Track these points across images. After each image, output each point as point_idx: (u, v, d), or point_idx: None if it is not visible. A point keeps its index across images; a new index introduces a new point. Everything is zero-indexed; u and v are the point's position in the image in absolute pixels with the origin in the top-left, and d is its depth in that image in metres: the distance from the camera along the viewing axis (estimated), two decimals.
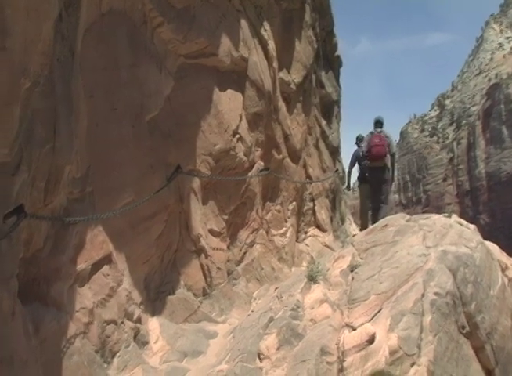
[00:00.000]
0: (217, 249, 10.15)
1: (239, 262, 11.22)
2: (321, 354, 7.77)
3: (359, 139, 17.34)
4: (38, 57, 5.04)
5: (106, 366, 6.94)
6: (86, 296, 6.69)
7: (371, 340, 7.65)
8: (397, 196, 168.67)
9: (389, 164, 15.65)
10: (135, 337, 7.69)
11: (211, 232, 10.10)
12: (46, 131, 5.72)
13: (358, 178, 17.13)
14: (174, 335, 8.41)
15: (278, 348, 7.92)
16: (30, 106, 5.22)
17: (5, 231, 4.90)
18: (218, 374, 7.30)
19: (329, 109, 19.29)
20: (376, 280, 8.96)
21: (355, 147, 17.39)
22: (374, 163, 15.41)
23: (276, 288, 10.23)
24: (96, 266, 6.92)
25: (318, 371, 7.51)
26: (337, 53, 19.86)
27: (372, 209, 16.06)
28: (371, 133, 15.68)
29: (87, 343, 6.63)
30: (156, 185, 8.12)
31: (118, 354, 7.20)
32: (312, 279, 9.64)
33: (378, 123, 15.88)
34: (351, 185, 19.95)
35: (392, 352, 7.46)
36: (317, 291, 9.48)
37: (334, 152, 19.48)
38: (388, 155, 15.49)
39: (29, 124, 5.29)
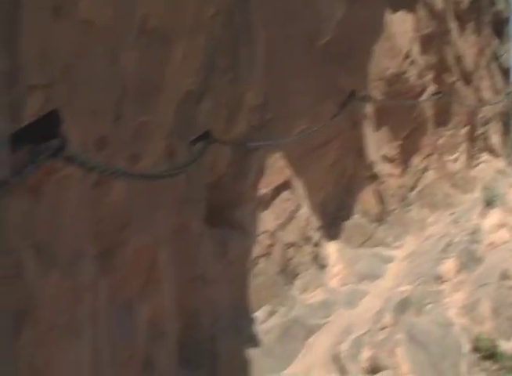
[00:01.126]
0: (390, 175, 10.10)
1: (412, 188, 11.10)
2: (501, 278, 7.63)
3: None
4: None
5: (288, 287, 7.21)
6: (268, 220, 6.94)
7: None
8: None
9: None
10: (314, 260, 7.90)
11: (384, 158, 10.04)
12: (227, 60, 5.87)
13: None
14: (351, 259, 8.56)
15: (457, 272, 7.87)
16: (213, 36, 5.36)
17: (193, 156, 5.14)
18: (401, 295, 7.40)
19: (501, 27, 18.25)
20: None
21: None
22: None
23: (452, 213, 10.09)
24: (276, 191, 7.13)
25: (498, 295, 7.40)
26: None
27: None
28: None
29: (270, 265, 6.91)
30: (330, 111, 8.15)
31: (299, 276, 7.45)
32: (489, 204, 9.39)
33: None
34: None
35: None
36: (494, 215, 9.25)
37: (506, 73, 18.52)
38: None
39: (211, 53, 5.44)
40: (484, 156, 15.81)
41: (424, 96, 11.14)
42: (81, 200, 3.71)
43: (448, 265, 7.99)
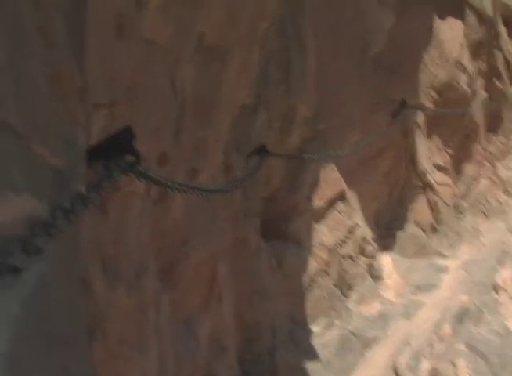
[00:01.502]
0: (442, 184, 10.01)
1: (465, 196, 10.98)
2: None
3: None
4: None
5: (344, 299, 7.16)
6: (323, 232, 6.91)
7: None
8: None
9: None
10: (369, 271, 7.85)
11: (436, 166, 9.96)
12: (280, 72, 5.88)
13: None
14: (406, 270, 8.47)
15: None
16: (266, 48, 5.37)
17: (251, 169, 5.15)
18: (458, 305, 7.29)
19: None
20: None
21: None
22: None
23: (506, 221, 9.95)
24: (331, 203, 7.10)
25: None
26: None
27: None
28: None
29: (326, 277, 6.87)
30: (382, 121, 8.11)
31: (355, 288, 7.40)
32: None
33: None
34: None
35: None
36: None
37: None
38: None
39: (265, 65, 5.45)
40: None
41: (475, 103, 11.02)
42: (143, 216, 3.75)
43: (505, 274, 7.87)
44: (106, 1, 2.93)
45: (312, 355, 6.32)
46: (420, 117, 9.27)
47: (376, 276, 8.01)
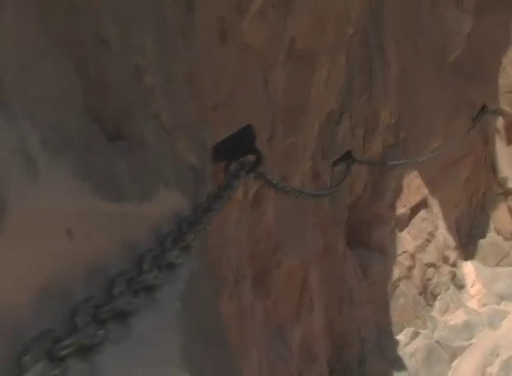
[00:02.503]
0: None
1: None
2: None
3: None
4: (358, 3, 5.13)
5: (429, 308, 7.04)
6: (406, 240, 6.81)
7: None
8: None
9: None
10: (452, 280, 7.70)
11: None
12: (363, 80, 5.84)
13: None
14: (489, 279, 8.27)
15: None
16: (351, 55, 5.35)
17: (342, 175, 5.12)
18: None
19: None
20: None
21: None
22: None
23: None
24: (414, 211, 7.01)
25: None
26: None
27: None
28: None
29: (410, 286, 6.76)
30: (462, 127, 7.96)
31: (439, 297, 7.27)
32: None
33: None
34: None
35: None
36: None
37: None
38: None
39: (349, 72, 5.43)
40: None
41: None
42: (240, 222, 3.75)
43: None
44: (211, 6, 2.96)
45: (400, 365, 6.22)
46: (500, 123, 9.07)
47: (459, 285, 7.85)
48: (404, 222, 6.87)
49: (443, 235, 7.62)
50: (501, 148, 9.09)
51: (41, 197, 1.01)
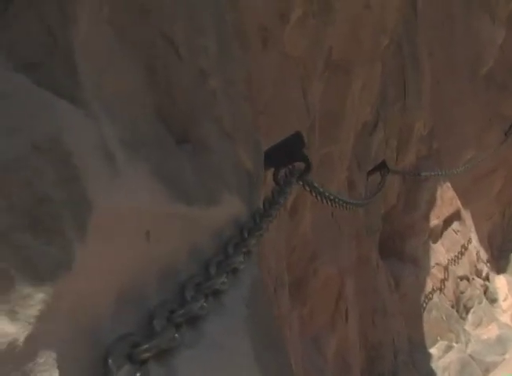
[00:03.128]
0: None
1: None
2: None
3: None
4: (393, 14, 5.10)
5: (462, 321, 6.96)
6: (440, 252, 6.76)
7: None
8: None
9: None
10: (484, 294, 7.62)
11: None
12: (396, 90, 5.82)
13: None
14: None
15: None
16: (385, 66, 5.33)
17: (372, 187, 5.09)
18: None
19: None
20: None
21: None
22: None
23: None
24: (447, 222, 6.95)
25: None
26: None
27: None
28: None
29: (443, 298, 6.69)
30: (495, 139, 7.90)
31: (472, 310, 7.19)
32: None
33: None
34: None
35: None
36: None
37: None
38: None
39: (383, 83, 5.41)
40: None
41: None
42: (280, 230, 3.73)
43: None
44: (253, 14, 2.96)
45: None
46: None
47: (491, 298, 7.77)
48: (437, 234, 6.81)
49: (476, 247, 7.55)
50: None
51: (123, 195, 0.99)
